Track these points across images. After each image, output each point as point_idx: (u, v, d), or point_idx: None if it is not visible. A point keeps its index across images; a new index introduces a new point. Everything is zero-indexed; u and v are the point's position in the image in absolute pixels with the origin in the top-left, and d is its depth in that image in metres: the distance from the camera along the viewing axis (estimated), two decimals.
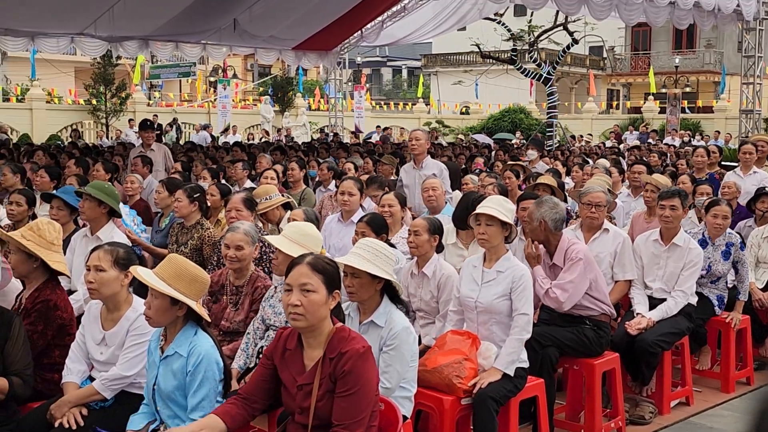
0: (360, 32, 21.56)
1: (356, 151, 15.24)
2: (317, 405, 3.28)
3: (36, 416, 4.01)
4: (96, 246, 4.20)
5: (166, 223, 7.12)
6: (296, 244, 4.32)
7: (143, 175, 9.21)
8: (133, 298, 4.13)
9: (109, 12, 16.46)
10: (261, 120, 32.37)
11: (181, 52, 20.70)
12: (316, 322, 3.30)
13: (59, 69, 33.10)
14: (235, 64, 45.43)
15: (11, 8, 15.55)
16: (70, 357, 4.18)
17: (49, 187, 7.83)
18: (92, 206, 5.79)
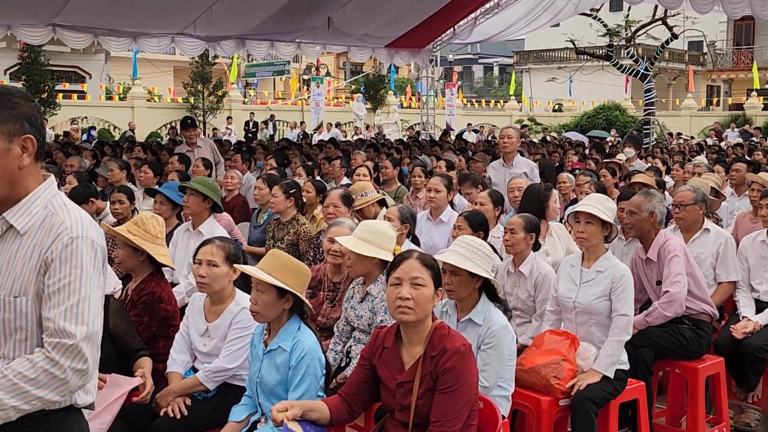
0: (453, 29, 21.47)
1: (449, 148, 15.21)
2: (418, 403, 3.28)
3: (142, 404, 4.14)
4: (206, 240, 4.30)
5: (265, 218, 7.26)
6: (368, 243, 4.33)
7: (242, 171, 9.40)
8: (236, 292, 4.21)
9: (207, 12, 16.85)
10: (353, 117, 32.64)
11: (276, 50, 20.99)
12: (423, 316, 3.30)
13: (159, 68, 34.21)
14: (328, 62, 45.95)
15: (116, 9, 16.08)
16: (174, 348, 4.31)
17: (152, 182, 8.10)
18: (196, 201, 5.96)
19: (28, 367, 2.30)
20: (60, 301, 2.34)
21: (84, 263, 2.37)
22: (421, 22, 19.82)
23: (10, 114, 2.37)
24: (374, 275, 4.47)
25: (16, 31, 16.79)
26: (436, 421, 3.22)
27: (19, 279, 2.37)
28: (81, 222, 2.42)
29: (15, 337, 2.39)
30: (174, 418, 3.97)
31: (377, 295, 4.43)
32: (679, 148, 19.57)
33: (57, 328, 2.33)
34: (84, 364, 2.35)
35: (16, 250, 2.39)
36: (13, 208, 2.41)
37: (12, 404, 2.28)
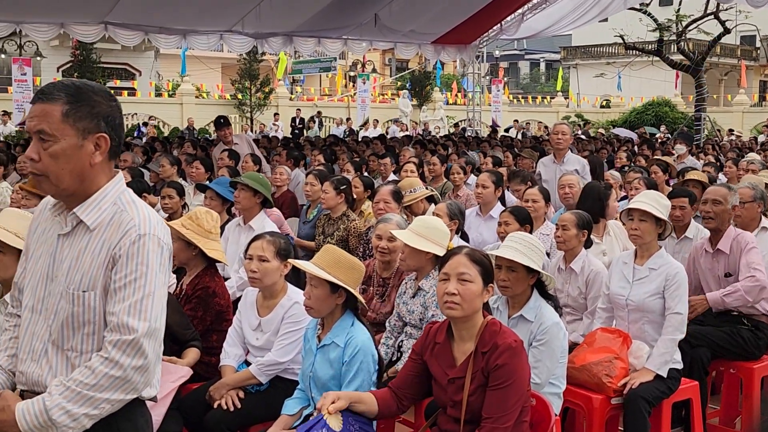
0: (499, 25, 21.33)
1: (496, 145, 15.14)
2: (469, 399, 3.28)
3: (196, 397, 4.20)
4: (257, 236, 4.35)
5: (314, 214, 7.30)
6: (423, 238, 4.34)
7: (290, 167, 9.46)
8: (288, 287, 4.25)
9: (256, 9, 16.99)
10: (399, 114, 32.66)
11: (322, 47, 21.07)
12: (470, 312, 3.30)
13: (207, 65, 34.57)
14: (374, 59, 45.98)
15: (166, 7, 16.30)
16: (227, 341, 4.36)
17: (203, 178, 8.20)
18: (247, 196, 6.02)
19: (88, 375, 2.35)
20: (125, 297, 2.38)
21: (150, 260, 2.40)
22: (468, 18, 19.73)
23: (89, 112, 2.41)
24: (426, 270, 4.48)
25: (69, 29, 17.11)
26: (488, 417, 3.22)
27: (88, 274, 2.41)
28: (149, 219, 2.45)
29: (83, 330, 2.43)
30: (227, 411, 4.02)
31: (429, 290, 4.44)
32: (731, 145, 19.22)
33: (120, 323, 2.36)
34: (143, 360, 2.38)
35: (85, 245, 2.43)
36: (83, 203, 2.45)
37: (82, 412, 2.33)
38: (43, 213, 2.60)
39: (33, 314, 2.51)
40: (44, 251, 2.52)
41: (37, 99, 2.40)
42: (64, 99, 2.38)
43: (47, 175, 2.39)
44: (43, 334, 2.47)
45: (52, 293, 2.46)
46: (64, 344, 2.44)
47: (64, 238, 2.48)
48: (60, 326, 2.43)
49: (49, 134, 2.37)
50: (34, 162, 2.39)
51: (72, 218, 2.46)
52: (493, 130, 24.68)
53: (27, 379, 2.50)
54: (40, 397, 2.35)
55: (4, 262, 3.55)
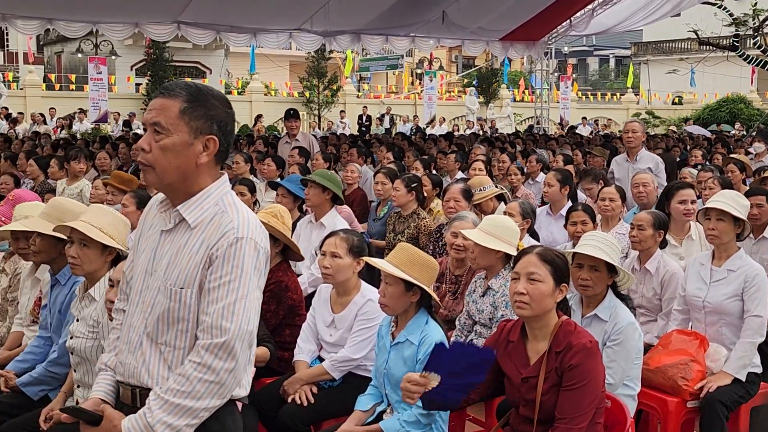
0: (569, 21, 21.08)
1: (565, 143, 14.97)
2: (543, 399, 3.26)
3: (270, 391, 4.27)
4: (331, 232, 4.40)
5: (384, 212, 7.34)
6: (493, 237, 4.33)
7: (360, 164, 9.52)
8: (362, 284, 4.29)
9: (324, 8, 17.14)
10: (465, 111, 32.51)
11: (390, 44, 21.12)
12: (540, 312, 3.29)
13: (276, 63, 34.96)
14: (441, 56, 45.91)
15: (238, 6, 16.57)
16: (301, 337, 4.42)
17: (275, 175, 8.31)
18: (317, 193, 6.09)
19: (183, 383, 2.40)
20: (219, 298, 2.42)
21: (245, 264, 2.44)
22: (537, 15, 19.55)
23: (205, 113, 2.48)
24: (496, 269, 4.47)
25: (143, 29, 17.53)
26: (562, 418, 3.20)
27: (185, 271, 2.46)
28: (248, 223, 2.50)
29: (177, 327, 2.49)
30: (301, 406, 4.08)
31: (498, 289, 4.43)
32: None
33: (212, 324, 2.41)
34: (234, 363, 2.42)
35: (185, 242, 2.49)
36: (186, 201, 2.51)
37: (183, 423, 2.39)
38: (152, 210, 2.68)
39: (131, 306, 2.60)
40: (148, 246, 2.60)
41: (158, 93, 2.49)
42: (184, 97, 2.46)
43: (154, 166, 2.46)
44: (139, 326, 2.54)
45: (150, 287, 2.53)
46: (158, 338, 2.50)
47: (166, 234, 2.55)
48: (156, 320, 2.49)
49: (163, 127, 2.44)
50: (144, 152, 2.46)
51: (175, 215, 2.53)
52: (571, 127, 24.37)
53: (124, 370, 2.58)
54: (142, 413, 2.42)
55: (89, 255, 3.67)
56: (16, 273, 4.81)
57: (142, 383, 2.52)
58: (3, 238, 4.84)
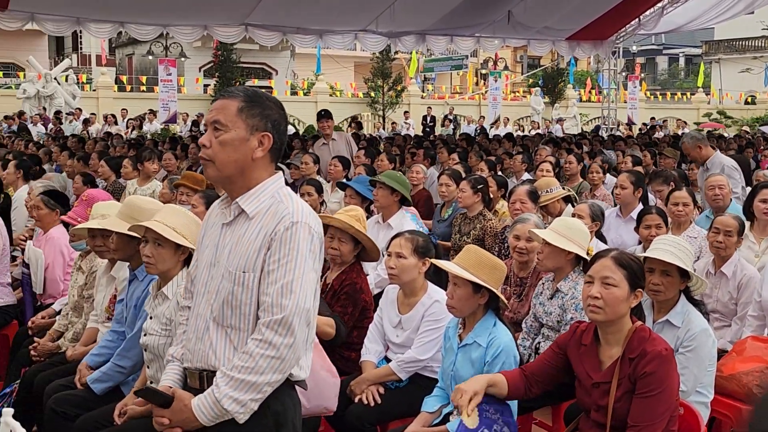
0: (638, 20, 20.73)
1: (634, 143, 14.71)
2: (615, 405, 3.22)
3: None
4: (397, 233, 4.41)
5: (449, 213, 7.32)
6: (565, 238, 4.28)
7: (426, 166, 9.51)
8: (429, 285, 4.28)
9: (390, 8, 17.19)
10: (530, 112, 32.24)
11: (454, 45, 21.07)
12: (614, 317, 3.24)
13: (341, 64, 35.20)
14: (506, 56, 45.58)
15: (304, 8, 16.73)
16: (368, 338, 4.44)
17: (341, 176, 8.36)
18: (385, 194, 6.12)
19: (246, 359, 2.56)
20: (277, 278, 2.58)
21: (300, 246, 2.60)
22: (605, 13, 19.28)
23: (260, 112, 2.68)
24: (565, 271, 4.42)
25: (212, 31, 17.82)
26: (635, 425, 3.15)
27: (245, 256, 2.63)
28: (302, 209, 2.66)
29: (241, 310, 2.64)
30: (368, 406, 4.10)
31: (567, 292, 4.37)
32: None
33: (272, 302, 2.57)
34: (293, 338, 2.57)
35: (244, 231, 2.66)
36: (245, 194, 2.68)
37: (249, 398, 2.56)
38: (214, 210, 2.85)
39: (198, 297, 2.76)
40: (210, 241, 2.76)
41: (219, 96, 2.71)
42: (242, 97, 2.67)
43: (214, 160, 2.65)
44: (205, 313, 2.70)
45: (214, 277, 2.69)
46: (223, 321, 2.66)
47: (226, 227, 2.72)
48: (221, 305, 2.65)
49: (222, 124, 2.64)
50: (205, 148, 2.65)
51: (235, 208, 2.69)
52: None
53: (192, 356, 2.73)
54: (210, 391, 2.59)
55: (162, 255, 3.74)
56: (92, 271, 4.94)
57: (210, 366, 2.67)
58: (80, 237, 4.98)
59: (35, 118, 23.71)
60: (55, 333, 4.96)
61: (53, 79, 25.71)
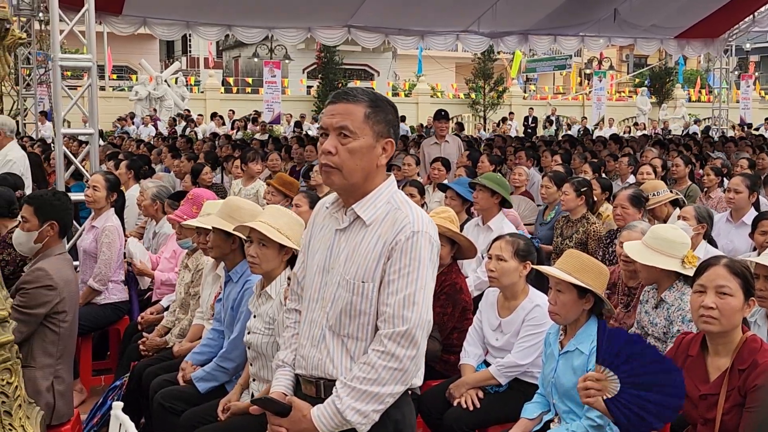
0: (752, 16, 19.93)
1: (747, 145, 14.15)
2: (724, 418, 3.08)
3: (435, 393, 4.29)
4: (498, 236, 4.36)
5: (552, 216, 7.21)
6: (654, 252, 4.09)
7: (529, 167, 9.40)
8: (530, 289, 4.22)
9: (492, 8, 17.04)
10: (636, 112, 31.44)
11: (558, 45, 20.74)
12: (729, 328, 3.11)
13: (442, 65, 35.20)
14: (611, 55, 44.56)
15: (406, 9, 16.77)
16: (467, 341, 4.41)
17: (443, 178, 8.34)
18: (486, 197, 6.07)
19: (368, 370, 2.53)
20: (398, 289, 2.54)
21: (422, 256, 2.55)
22: (717, 10, 18.60)
23: (384, 117, 2.61)
24: (667, 282, 4.25)
25: (315, 34, 18.07)
26: None
27: (363, 266, 2.58)
28: (421, 218, 2.61)
29: (359, 320, 2.60)
30: (466, 410, 4.07)
31: (673, 303, 4.20)
32: None
33: (394, 314, 2.53)
34: (416, 350, 2.54)
35: (361, 239, 2.61)
36: (360, 201, 2.63)
37: (371, 409, 2.54)
38: (321, 212, 2.81)
39: (311, 303, 2.71)
40: (321, 245, 2.71)
41: (340, 98, 2.59)
42: (367, 102, 2.59)
43: (341, 168, 2.57)
44: (321, 321, 2.65)
45: (328, 283, 2.65)
46: (340, 330, 2.62)
47: (340, 233, 2.66)
48: (338, 314, 2.61)
49: (351, 131, 2.56)
50: (330, 155, 2.57)
51: (350, 214, 2.64)
52: (743, 128, 23.05)
53: (307, 364, 2.69)
54: (330, 401, 2.56)
55: (267, 255, 3.81)
56: (198, 269, 5.08)
57: (327, 375, 2.63)
58: (186, 235, 5.12)
59: (146, 119, 24.61)
60: (163, 329, 5.13)
61: (164, 81, 26.63)
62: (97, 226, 5.93)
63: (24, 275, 4.20)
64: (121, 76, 37.54)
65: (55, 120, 7.52)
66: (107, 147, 12.99)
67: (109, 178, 6.17)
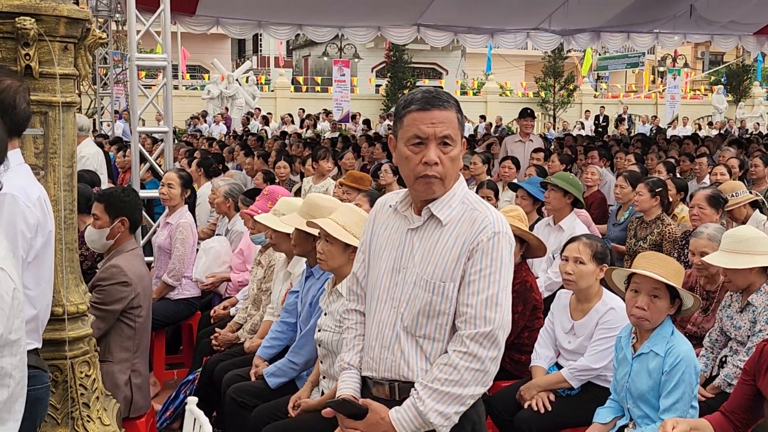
0: None
1: None
2: None
3: (506, 394, 4.24)
4: (573, 237, 4.29)
5: (625, 216, 7.07)
6: (739, 254, 3.99)
7: (601, 167, 9.25)
8: (604, 291, 4.14)
9: (564, 6, 16.81)
10: (712, 111, 30.69)
11: (631, 42, 20.38)
12: None
13: (511, 63, 34.87)
14: (685, 52, 43.58)
15: (477, 8, 16.68)
16: (538, 342, 4.34)
17: (514, 176, 8.26)
18: (558, 197, 5.98)
19: (450, 372, 2.51)
20: (480, 290, 2.51)
21: (503, 257, 2.53)
22: None
23: (462, 119, 2.59)
24: (756, 285, 4.13)
25: (385, 32, 18.13)
26: None
27: (441, 266, 2.54)
28: (500, 218, 2.59)
29: (437, 320, 2.57)
30: (537, 412, 4.01)
31: (760, 305, 4.08)
32: None
33: (476, 314, 2.50)
34: (498, 351, 2.53)
35: (437, 239, 2.57)
36: (435, 201, 2.58)
37: (453, 411, 2.52)
38: (382, 210, 2.77)
39: (378, 304, 2.66)
40: (389, 245, 2.67)
41: (434, 105, 2.51)
42: (455, 107, 2.55)
43: (444, 178, 2.55)
44: (394, 322, 2.61)
45: (400, 283, 2.60)
46: (416, 331, 2.58)
47: (413, 232, 2.62)
48: (415, 314, 2.57)
49: (453, 139, 2.52)
50: (435, 165, 2.51)
51: (425, 213, 2.60)
52: None
53: (377, 366, 2.65)
54: (411, 404, 2.53)
55: (332, 251, 3.84)
56: (270, 265, 5.14)
57: (401, 376, 2.60)
58: (260, 230, 5.18)
59: (217, 117, 25.02)
60: (235, 325, 5.20)
61: (235, 80, 27.03)
62: (171, 223, 6.05)
63: (99, 272, 4.30)
64: (194, 75, 38.26)
65: (131, 118, 7.69)
66: (180, 145, 13.24)
67: (182, 175, 6.29)
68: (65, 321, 3.12)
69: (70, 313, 3.16)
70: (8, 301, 2.05)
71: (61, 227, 3.12)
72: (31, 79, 3.02)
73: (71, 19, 3.07)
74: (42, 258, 2.84)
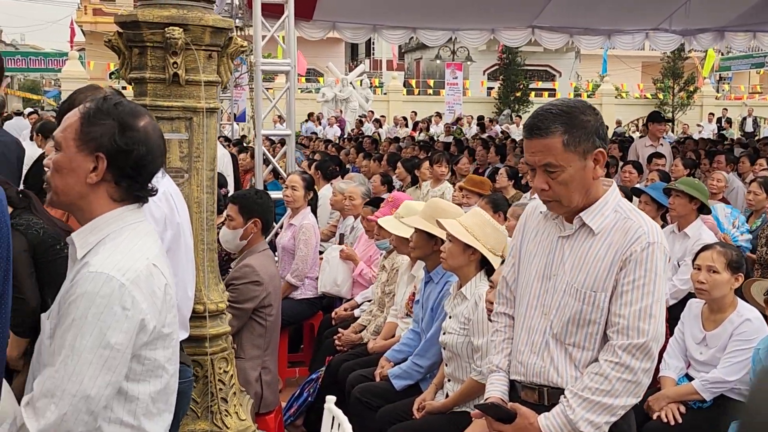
0: None
1: None
2: None
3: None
4: (706, 246, 4.18)
5: (757, 224, 6.81)
6: None
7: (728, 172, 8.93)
8: (739, 302, 4.01)
9: (685, 5, 16.28)
10: None
11: (757, 41, 19.55)
12: None
13: (628, 64, 34.04)
14: None
15: (594, 8, 16.33)
16: (668, 352, 4.24)
17: (636, 181, 8.07)
18: (683, 203, 5.81)
19: (602, 381, 2.50)
20: (633, 300, 2.50)
21: (658, 267, 2.50)
22: None
23: (584, 134, 2.50)
24: None
25: (498, 35, 18.00)
26: None
27: (593, 275, 2.54)
28: (655, 229, 2.55)
29: (587, 329, 2.57)
30: (667, 424, 3.92)
31: None
32: None
33: (630, 325, 2.49)
34: (651, 363, 2.51)
35: (588, 247, 2.57)
36: (587, 210, 2.58)
37: (603, 421, 2.52)
38: (533, 215, 2.79)
39: (528, 309, 2.69)
40: (539, 251, 2.69)
41: (532, 134, 2.52)
42: (561, 130, 2.49)
43: (559, 200, 2.55)
44: (543, 329, 2.63)
45: (550, 290, 2.62)
46: (566, 339, 2.60)
47: (564, 240, 2.63)
48: (565, 322, 2.58)
49: (555, 165, 2.50)
50: (544, 191, 2.55)
51: (577, 221, 2.60)
52: None
53: (527, 371, 2.67)
54: (560, 411, 2.55)
55: (452, 251, 3.88)
56: (393, 268, 5.20)
57: (550, 382, 2.62)
58: (384, 236, 5.26)
59: (331, 119, 25.42)
60: (359, 326, 5.29)
61: (349, 83, 27.39)
62: (295, 224, 6.20)
63: (232, 271, 4.46)
64: (309, 78, 38.99)
65: (255, 121, 7.92)
66: (298, 147, 13.52)
67: (305, 178, 6.43)
68: (206, 318, 3.26)
69: (210, 311, 3.29)
70: (160, 296, 2.15)
71: (203, 228, 3.25)
72: (178, 86, 3.17)
73: (216, 28, 3.21)
74: (175, 251, 2.93)
